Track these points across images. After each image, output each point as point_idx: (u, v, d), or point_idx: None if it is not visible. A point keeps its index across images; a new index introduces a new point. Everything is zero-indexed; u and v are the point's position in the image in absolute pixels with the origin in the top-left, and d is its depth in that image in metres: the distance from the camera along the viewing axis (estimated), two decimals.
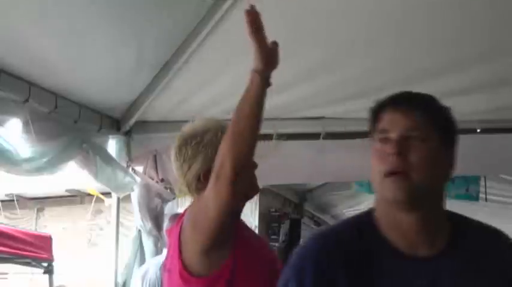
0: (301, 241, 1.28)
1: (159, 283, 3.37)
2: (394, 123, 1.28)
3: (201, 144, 1.81)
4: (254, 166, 1.88)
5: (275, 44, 1.66)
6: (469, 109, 3.31)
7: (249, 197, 1.90)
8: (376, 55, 2.89)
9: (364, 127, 1.35)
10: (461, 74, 2.96)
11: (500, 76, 2.95)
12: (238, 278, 1.72)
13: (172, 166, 1.90)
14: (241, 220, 1.90)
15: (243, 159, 1.60)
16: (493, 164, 3.71)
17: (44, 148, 2.87)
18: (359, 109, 3.42)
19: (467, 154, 3.84)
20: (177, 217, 3.80)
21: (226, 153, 1.60)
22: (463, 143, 4.08)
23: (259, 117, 1.62)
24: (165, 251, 3.56)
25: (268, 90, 1.70)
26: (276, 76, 3.36)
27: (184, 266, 1.76)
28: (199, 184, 1.80)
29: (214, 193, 1.65)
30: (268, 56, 1.64)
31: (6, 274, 7.02)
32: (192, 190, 1.85)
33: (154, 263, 3.53)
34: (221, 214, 1.66)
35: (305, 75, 3.07)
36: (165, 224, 3.60)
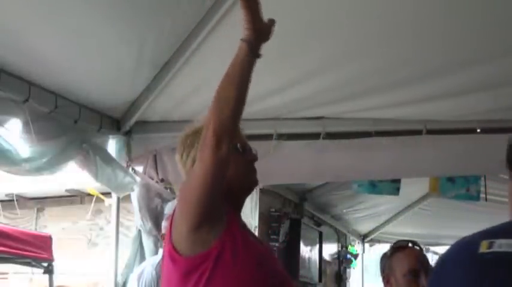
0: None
1: (155, 283, 3.38)
2: None
3: (198, 133, 1.83)
4: (253, 158, 1.89)
5: (271, 20, 1.69)
6: (469, 109, 3.31)
7: (245, 188, 1.92)
8: (376, 55, 2.90)
9: (364, 127, 1.35)
10: (461, 74, 2.96)
11: (500, 76, 2.95)
12: (225, 263, 1.70)
13: (178, 166, 1.91)
14: (239, 217, 1.90)
15: (225, 124, 1.63)
16: (493, 164, 3.71)
17: (44, 148, 2.87)
18: (359, 109, 3.43)
19: (467, 154, 3.83)
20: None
21: (210, 117, 1.64)
22: (463, 143, 4.09)
23: (244, 86, 1.65)
24: (161, 250, 3.57)
25: (268, 90, 1.71)
26: (276, 76, 3.36)
27: (173, 247, 1.76)
28: None
29: (199, 159, 1.66)
30: (259, 27, 1.66)
31: (6, 273, 7.02)
32: None
33: (150, 263, 3.54)
34: (205, 182, 1.64)
35: (305, 75, 3.07)
36: (163, 224, 3.61)
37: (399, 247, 2.36)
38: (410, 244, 2.37)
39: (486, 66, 2.88)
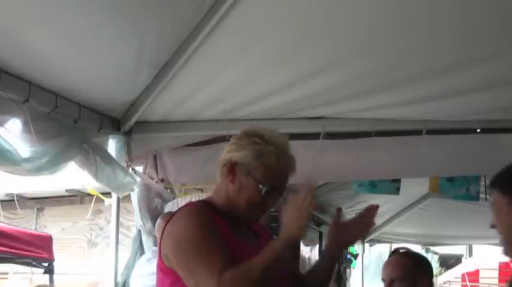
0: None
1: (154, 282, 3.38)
2: None
3: (244, 140, 2.01)
4: (270, 203, 2.05)
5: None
6: (469, 109, 3.31)
7: (245, 216, 2.03)
8: (376, 55, 2.89)
9: (364, 127, 1.34)
10: (461, 74, 2.96)
11: (501, 76, 2.95)
12: None
13: None
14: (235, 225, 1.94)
15: None
16: (493, 164, 3.71)
17: (44, 148, 2.86)
18: (359, 109, 3.43)
19: (467, 154, 3.83)
20: (169, 216, 3.82)
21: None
22: (463, 143, 4.08)
23: None
24: (155, 248, 3.58)
25: (269, 90, 1.70)
26: (276, 76, 3.36)
27: (161, 257, 1.91)
28: (223, 169, 1.98)
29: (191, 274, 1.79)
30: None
31: (6, 274, 7.03)
32: (218, 173, 2.01)
33: (148, 261, 3.54)
34: None
35: (305, 75, 3.07)
36: (157, 222, 3.62)
37: (392, 253, 2.48)
38: (401, 251, 2.46)
39: (486, 66, 2.88)
